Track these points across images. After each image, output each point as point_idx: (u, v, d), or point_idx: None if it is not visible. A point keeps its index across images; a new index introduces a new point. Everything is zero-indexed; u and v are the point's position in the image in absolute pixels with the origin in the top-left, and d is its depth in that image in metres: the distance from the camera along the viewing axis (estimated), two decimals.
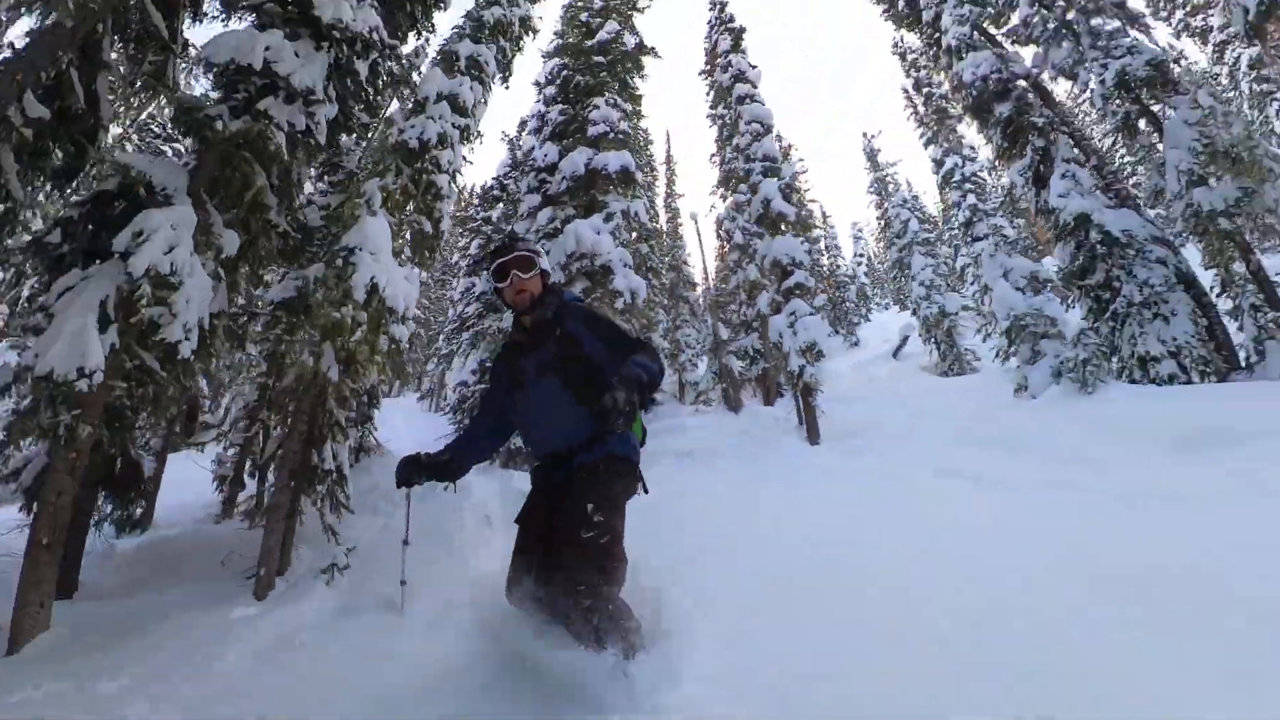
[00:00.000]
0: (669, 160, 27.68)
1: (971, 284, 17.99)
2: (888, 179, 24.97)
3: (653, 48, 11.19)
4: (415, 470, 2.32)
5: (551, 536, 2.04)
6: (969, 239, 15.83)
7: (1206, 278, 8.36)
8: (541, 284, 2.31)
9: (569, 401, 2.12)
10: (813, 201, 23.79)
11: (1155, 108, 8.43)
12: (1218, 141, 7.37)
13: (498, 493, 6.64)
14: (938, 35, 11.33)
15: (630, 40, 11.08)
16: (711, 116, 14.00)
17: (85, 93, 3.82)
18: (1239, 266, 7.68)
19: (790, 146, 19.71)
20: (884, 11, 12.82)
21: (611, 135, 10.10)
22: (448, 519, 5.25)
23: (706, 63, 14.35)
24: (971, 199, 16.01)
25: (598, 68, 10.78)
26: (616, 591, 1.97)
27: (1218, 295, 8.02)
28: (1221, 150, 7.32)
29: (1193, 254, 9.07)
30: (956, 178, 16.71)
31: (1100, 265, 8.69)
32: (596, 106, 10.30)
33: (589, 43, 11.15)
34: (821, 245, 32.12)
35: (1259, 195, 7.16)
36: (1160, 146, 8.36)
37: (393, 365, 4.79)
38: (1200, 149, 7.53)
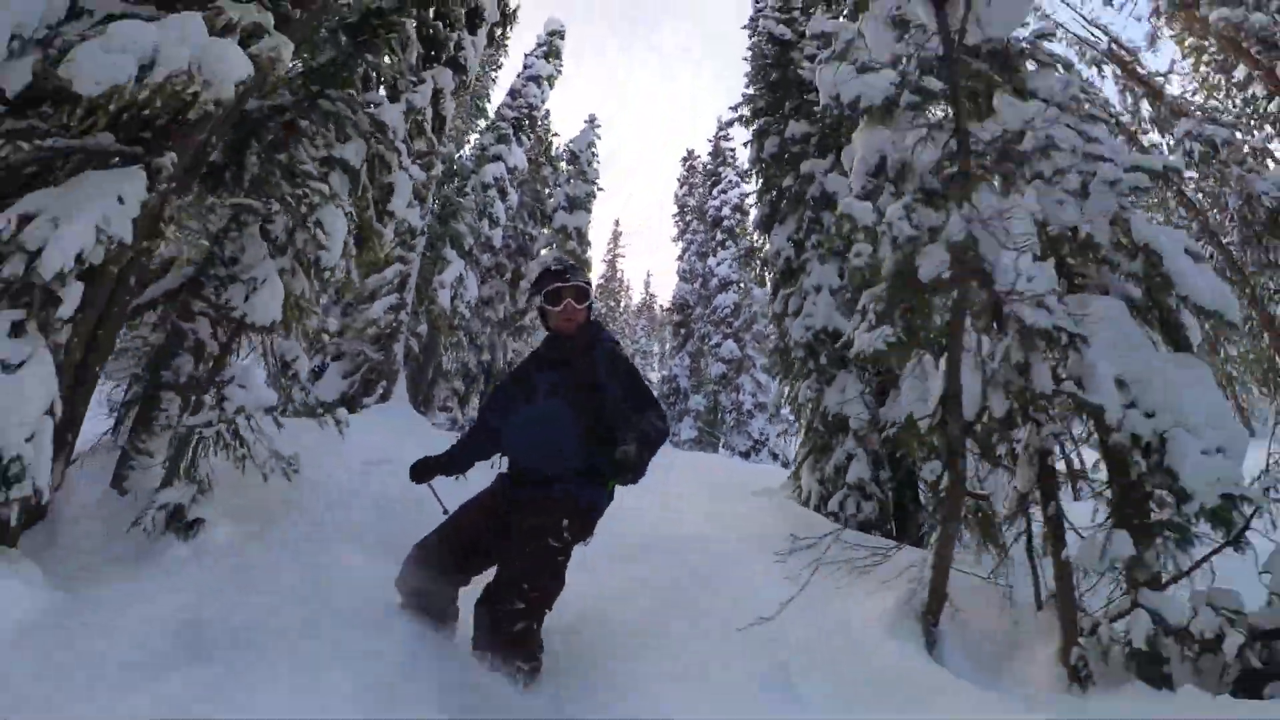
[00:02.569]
0: None
1: None
2: None
3: None
4: (425, 470, 2.45)
5: (498, 540, 2.13)
6: None
7: None
8: (587, 315, 2.39)
9: (569, 427, 2.14)
10: None
11: None
12: None
13: None
14: None
15: None
16: None
17: None
18: None
19: None
20: None
21: None
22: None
23: None
24: None
25: None
26: (545, 614, 2.04)
27: None
28: None
29: None
30: None
31: None
32: None
33: None
34: None
35: None
36: None
37: None
38: None
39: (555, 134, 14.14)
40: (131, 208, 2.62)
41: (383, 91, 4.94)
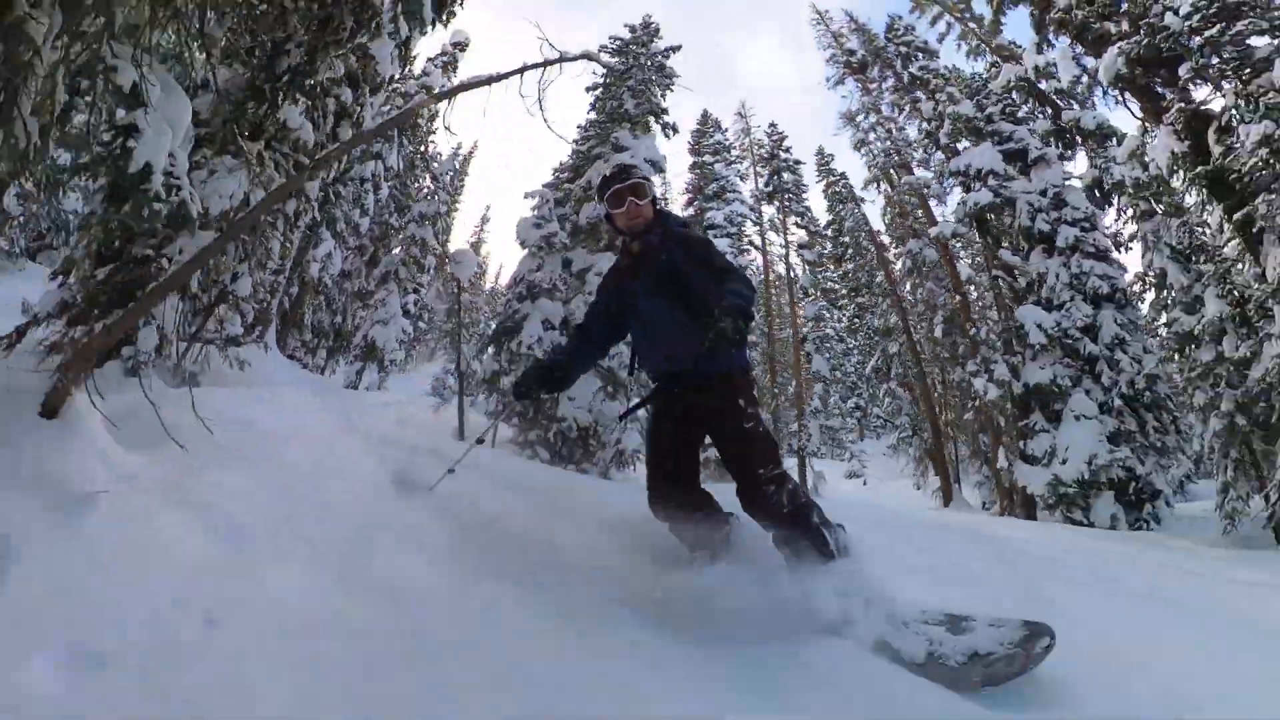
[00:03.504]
0: None
1: None
2: None
3: None
4: (528, 385, 2.38)
5: (687, 441, 2.24)
6: None
7: None
8: (652, 210, 2.35)
9: (679, 319, 2.15)
10: None
11: None
12: None
13: None
14: None
15: None
16: None
17: None
18: None
19: None
20: None
21: None
22: None
23: None
24: None
25: None
26: (785, 469, 2.12)
27: None
28: None
29: None
30: None
31: None
32: None
33: None
34: None
35: None
36: None
37: None
38: None
39: (434, 143, 16.09)
40: None
41: None
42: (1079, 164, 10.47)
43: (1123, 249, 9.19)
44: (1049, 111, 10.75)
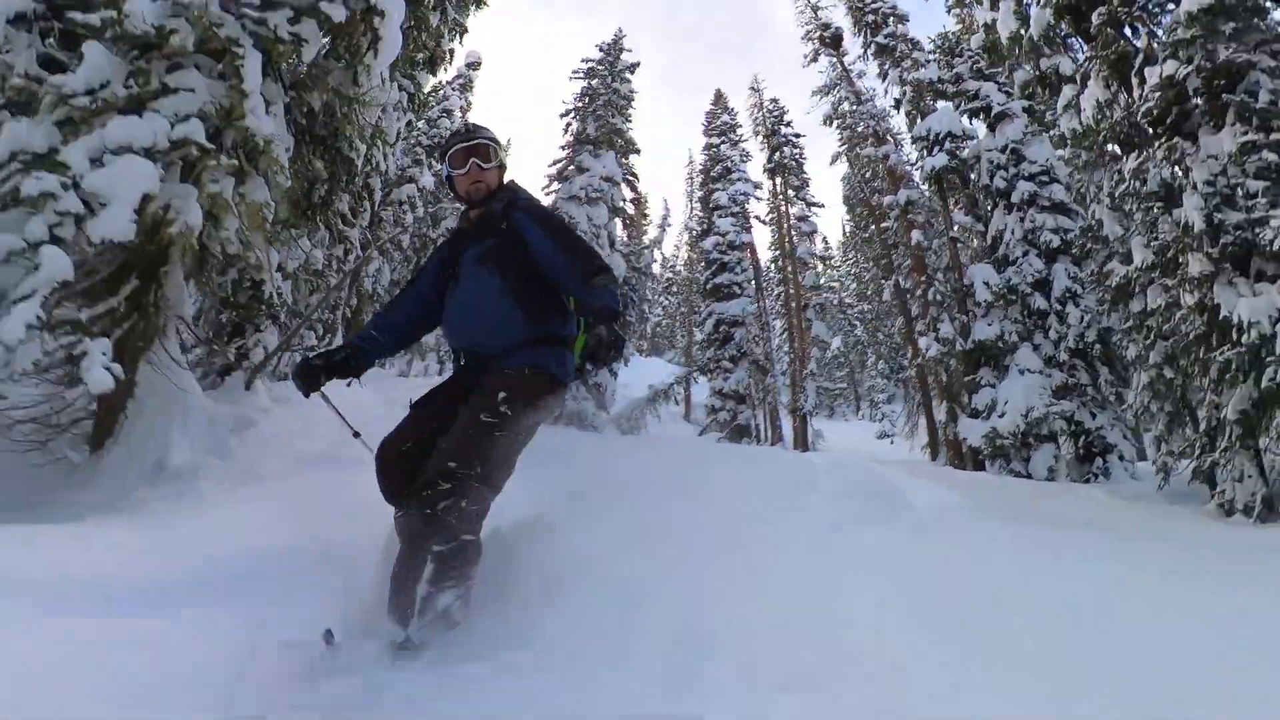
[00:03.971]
0: None
1: None
2: None
3: None
4: (313, 374, 2.08)
5: (445, 418, 1.87)
6: None
7: None
8: (498, 178, 2.13)
9: (504, 297, 1.93)
10: None
11: None
12: None
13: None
14: None
15: None
16: None
17: None
18: None
19: None
20: None
21: None
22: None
23: None
24: None
25: None
26: (488, 497, 1.77)
27: None
28: None
29: None
30: None
31: None
32: None
33: None
34: None
35: None
36: None
37: None
38: None
39: None
40: None
41: None
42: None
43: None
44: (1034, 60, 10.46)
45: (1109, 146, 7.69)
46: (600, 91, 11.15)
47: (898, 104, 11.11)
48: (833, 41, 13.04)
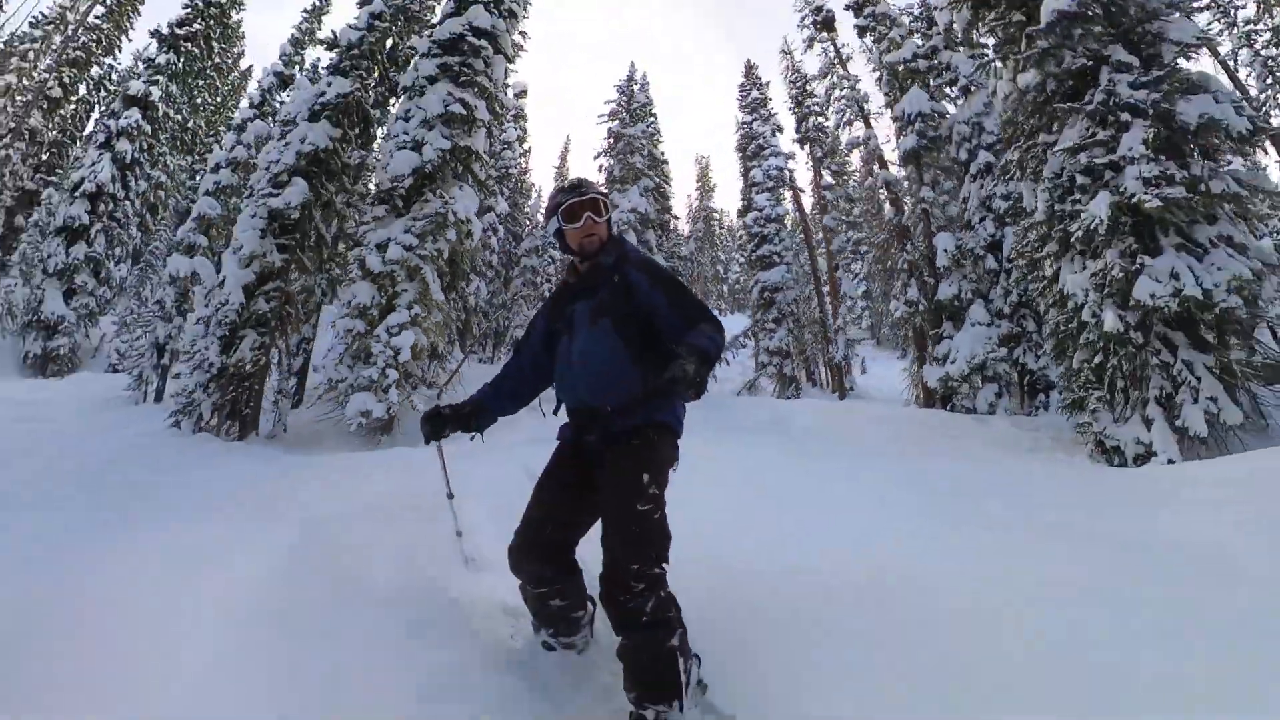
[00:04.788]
0: None
1: None
2: None
3: None
4: (439, 423, 2.23)
5: (580, 504, 1.98)
6: None
7: None
8: (608, 231, 2.15)
9: (620, 352, 1.95)
10: None
11: None
12: None
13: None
14: None
15: None
16: None
17: None
18: None
19: None
20: None
21: None
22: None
23: None
24: None
25: None
26: (666, 573, 1.83)
27: None
28: None
29: None
30: None
31: None
32: None
33: None
34: None
35: None
36: None
37: None
38: None
39: (531, 182, 21.39)
40: None
41: None
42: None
43: None
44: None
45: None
46: (622, 133, 13.58)
47: (879, 83, 12.30)
48: (824, 24, 14.02)
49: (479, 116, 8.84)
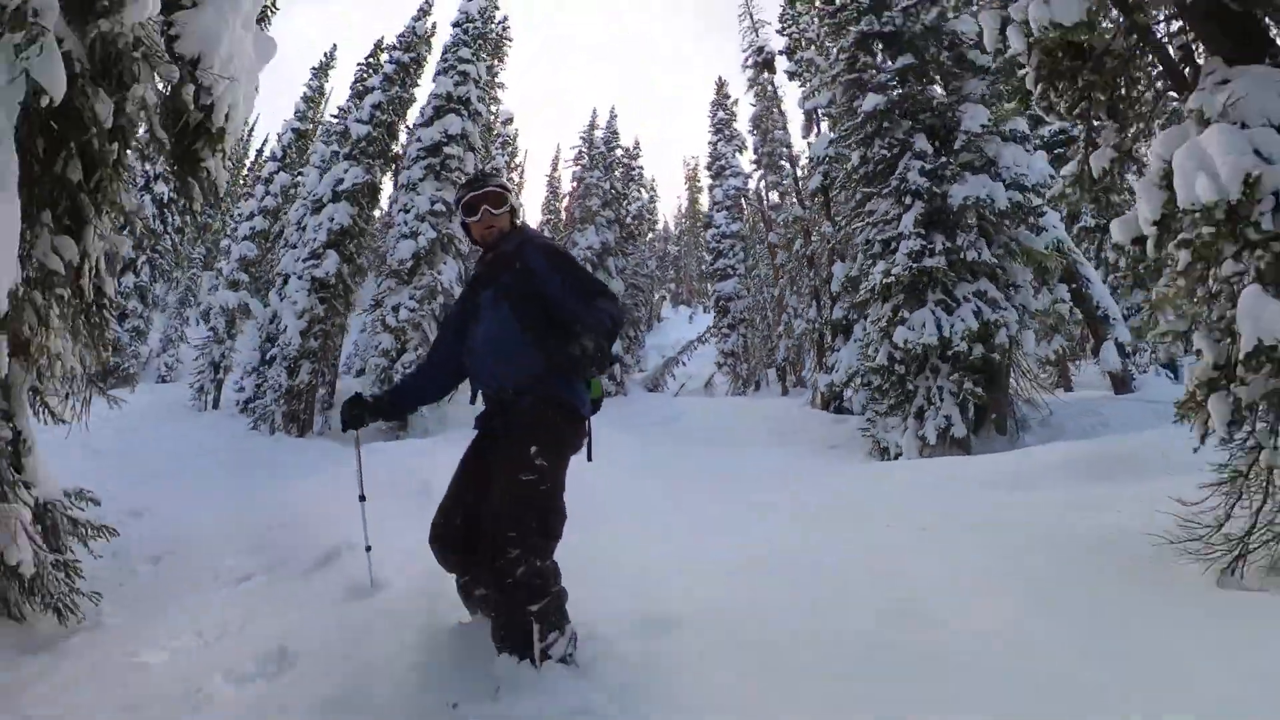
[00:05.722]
0: None
1: None
2: None
3: None
4: (359, 410, 2.30)
5: (486, 481, 1.98)
6: None
7: None
8: (509, 221, 2.25)
9: (518, 334, 2.02)
10: None
11: None
12: None
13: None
14: None
15: None
16: None
17: None
18: None
19: None
20: None
21: None
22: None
23: None
24: None
25: None
26: (551, 547, 1.89)
27: None
28: None
29: None
30: None
31: None
32: None
33: None
34: None
35: None
36: None
37: None
38: None
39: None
40: None
41: None
42: None
43: None
44: None
45: None
46: (583, 177, 16.22)
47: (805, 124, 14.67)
48: (765, 64, 16.11)
49: None
